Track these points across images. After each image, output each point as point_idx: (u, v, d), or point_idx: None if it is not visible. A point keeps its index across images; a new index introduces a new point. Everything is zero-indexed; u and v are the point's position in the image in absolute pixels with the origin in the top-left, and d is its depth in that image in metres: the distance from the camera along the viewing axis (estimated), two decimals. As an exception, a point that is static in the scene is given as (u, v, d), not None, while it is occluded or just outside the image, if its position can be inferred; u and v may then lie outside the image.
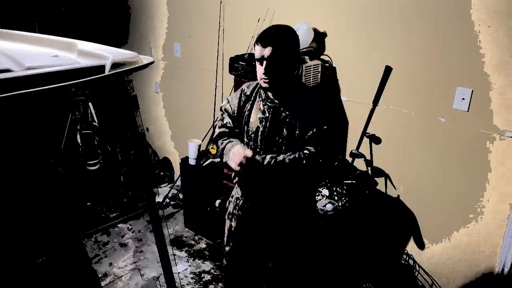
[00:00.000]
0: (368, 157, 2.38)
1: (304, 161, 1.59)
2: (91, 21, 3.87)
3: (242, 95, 1.75)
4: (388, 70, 2.15)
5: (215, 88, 3.10)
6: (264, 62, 1.55)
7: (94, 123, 3.62)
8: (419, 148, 2.22)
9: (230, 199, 1.94)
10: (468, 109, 1.99)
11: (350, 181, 2.24)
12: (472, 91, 1.96)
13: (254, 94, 1.73)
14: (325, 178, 2.23)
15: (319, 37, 2.45)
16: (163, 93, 3.87)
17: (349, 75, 2.41)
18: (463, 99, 1.99)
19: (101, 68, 0.99)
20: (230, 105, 1.77)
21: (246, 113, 1.73)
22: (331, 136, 1.69)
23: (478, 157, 2.01)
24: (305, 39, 2.36)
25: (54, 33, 1.31)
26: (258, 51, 1.57)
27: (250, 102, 1.73)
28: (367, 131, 2.30)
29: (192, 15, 3.25)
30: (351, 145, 2.44)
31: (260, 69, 1.58)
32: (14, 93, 0.81)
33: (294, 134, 1.63)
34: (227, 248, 1.97)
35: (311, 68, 2.29)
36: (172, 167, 4.01)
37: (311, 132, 1.62)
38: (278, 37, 1.57)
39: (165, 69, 3.73)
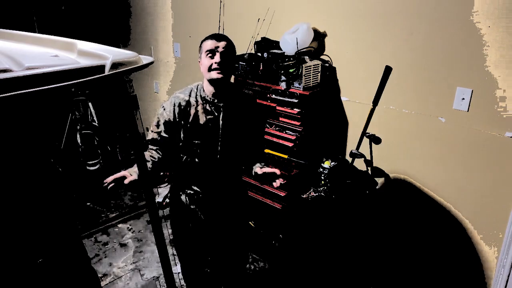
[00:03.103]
0: (368, 157, 2.38)
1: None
2: (91, 21, 3.87)
3: (178, 102, 1.81)
4: (388, 70, 2.14)
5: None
6: (218, 54, 1.70)
7: (94, 123, 3.62)
8: (419, 148, 2.22)
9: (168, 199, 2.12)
10: (468, 109, 1.99)
11: (350, 181, 2.24)
12: (472, 91, 1.96)
13: (195, 99, 1.82)
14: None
15: (319, 37, 2.45)
16: (163, 93, 3.87)
17: (349, 75, 2.41)
18: (463, 99, 1.99)
19: (101, 68, 0.98)
20: (166, 112, 1.83)
21: (192, 117, 1.80)
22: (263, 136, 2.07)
23: (478, 157, 2.01)
24: (305, 39, 2.36)
25: (54, 33, 1.31)
26: (210, 44, 1.71)
27: (194, 106, 1.81)
28: (367, 131, 2.29)
29: (192, 15, 3.25)
30: (351, 145, 2.44)
31: (210, 61, 1.71)
32: (14, 93, 0.81)
33: (243, 128, 1.87)
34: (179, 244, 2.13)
35: (311, 68, 2.29)
36: (172, 167, 4.00)
37: (256, 131, 1.95)
38: (228, 38, 1.79)
39: (165, 69, 3.73)
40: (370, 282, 2.43)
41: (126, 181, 1.67)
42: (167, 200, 3.61)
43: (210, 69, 1.71)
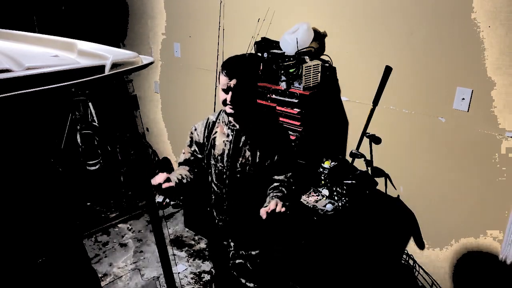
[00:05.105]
0: (368, 157, 2.38)
1: (288, 192, 1.72)
2: (91, 21, 3.87)
3: (209, 123, 1.86)
4: (388, 70, 2.15)
5: (215, 88, 3.10)
6: (230, 93, 1.66)
7: (94, 123, 3.62)
8: (419, 148, 2.22)
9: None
10: (468, 109, 1.99)
11: (350, 181, 2.24)
12: (472, 91, 1.96)
13: (218, 120, 1.85)
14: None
15: (319, 37, 2.45)
16: (163, 93, 3.87)
17: (349, 75, 2.41)
18: (463, 99, 1.99)
19: (101, 68, 0.98)
20: (197, 133, 1.88)
21: (212, 137, 1.84)
22: (293, 160, 1.84)
23: (478, 157, 2.01)
24: (305, 39, 2.36)
25: (54, 33, 1.31)
26: (224, 81, 1.67)
27: (215, 127, 1.85)
28: (367, 131, 2.30)
29: (192, 15, 3.25)
30: (351, 145, 2.44)
31: (224, 96, 1.69)
32: (14, 93, 0.81)
33: (256, 157, 1.75)
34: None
35: (311, 68, 2.29)
36: (172, 167, 4.01)
37: (275, 157, 1.75)
38: (243, 69, 1.68)
39: (165, 69, 3.73)
40: (370, 281, 2.43)
41: (164, 186, 1.67)
42: (167, 200, 3.61)
43: (224, 103, 1.70)
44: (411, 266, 2.40)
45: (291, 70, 2.26)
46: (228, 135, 1.79)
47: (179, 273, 2.75)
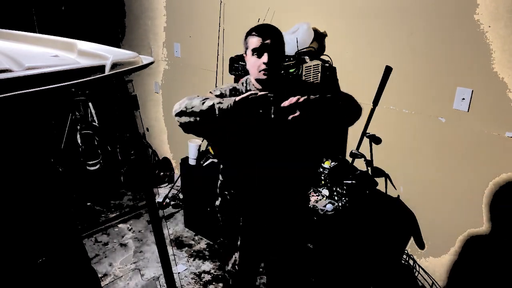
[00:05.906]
0: (368, 157, 2.38)
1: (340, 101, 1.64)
2: (91, 21, 3.87)
3: (237, 90, 1.68)
4: (388, 70, 2.15)
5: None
6: (266, 54, 1.54)
7: (94, 123, 3.62)
8: (419, 148, 2.22)
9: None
10: (468, 109, 1.99)
11: (350, 181, 2.24)
12: (472, 91, 1.96)
13: (244, 92, 1.66)
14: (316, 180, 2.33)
15: (319, 37, 2.45)
16: (163, 93, 3.87)
17: (349, 75, 2.40)
18: (463, 99, 1.99)
19: (101, 68, 0.99)
20: (222, 90, 1.68)
21: None
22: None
23: (478, 157, 2.01)
24: (305, 39, 2.36)
25: (54, 33, 1.31)
26: (257, 41, 1.55)
27: None
28: (367, 131, 2.30)
29: (192, 15, 3.25)
30: (351, 145, 2.44)
31: (257, 62, 1.56)
32: (14, 93, 0.81)
33: (294, 128, 1.63)
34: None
35: (311, 68, 2.29)
36: (172, 167, 4.01)
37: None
38: (276, 31, 1.59)
39: (165, 69, 3.73)
40: (370, 282, 2.43)
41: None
42: (167, 200, 3.61)
43: (257, 69, 1.57)
44: (411, 266, 2.40)
45: (291, 70, 2.26)
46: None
47: (179, 273, 2.75)
